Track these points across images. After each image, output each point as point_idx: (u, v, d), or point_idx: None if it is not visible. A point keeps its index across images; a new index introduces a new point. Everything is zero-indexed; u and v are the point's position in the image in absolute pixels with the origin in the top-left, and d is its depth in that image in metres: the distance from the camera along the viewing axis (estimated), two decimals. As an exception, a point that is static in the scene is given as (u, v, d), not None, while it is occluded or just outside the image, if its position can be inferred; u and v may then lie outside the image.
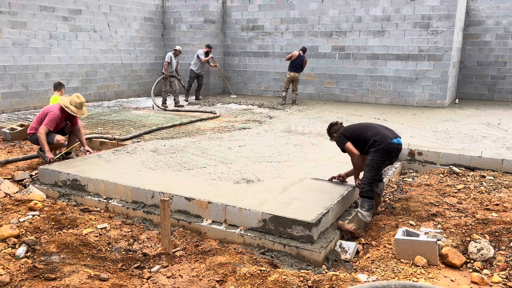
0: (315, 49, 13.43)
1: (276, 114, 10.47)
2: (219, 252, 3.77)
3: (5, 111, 10.05)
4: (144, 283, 3.28)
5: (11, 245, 3.81)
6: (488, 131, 8.36)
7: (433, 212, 4.52)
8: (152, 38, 14.36)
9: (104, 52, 12.66)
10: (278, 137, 7.61)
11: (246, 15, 14.35)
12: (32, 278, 3.21)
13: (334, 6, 13.00)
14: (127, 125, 8.77)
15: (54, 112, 5.97)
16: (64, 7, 11.39)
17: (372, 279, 3.35)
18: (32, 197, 4.91)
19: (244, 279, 3.25)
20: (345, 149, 4.59)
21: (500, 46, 13.17)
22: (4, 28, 10.02)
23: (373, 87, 12.90)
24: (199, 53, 12.64)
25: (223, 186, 4.82)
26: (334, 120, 5.86)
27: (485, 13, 13.20)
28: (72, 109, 6.01)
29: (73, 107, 6.03)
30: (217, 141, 7.18)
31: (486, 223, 4.12)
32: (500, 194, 5.07)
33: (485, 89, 13.69)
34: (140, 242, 4.09)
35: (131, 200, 4.78)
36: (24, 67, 10.52)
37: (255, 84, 14.68)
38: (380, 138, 4.38)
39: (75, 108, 6.05)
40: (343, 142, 4.60)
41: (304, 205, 4.20)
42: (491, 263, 3.48)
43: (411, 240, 3.55)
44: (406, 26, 12.19)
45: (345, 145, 4.57)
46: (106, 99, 12.90)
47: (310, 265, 3.71)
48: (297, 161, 5.92)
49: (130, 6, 13.34)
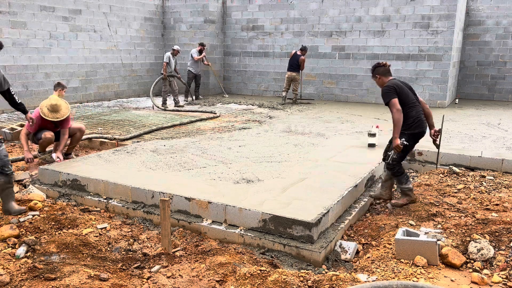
0: (315, 49, 13.43)
1: (276, 114, 10.47)
2: (219, 252, 3.77)
3: (5, 111, 10.05)
4: (144, 283, 3.28)
5: (11, 245, 3.82)
6: (488, 131, 8.36)
7: (433, 212, 4.52)
8: (152, 38, 14.36)
9: (104, 52, 12.66)
10: (278, 137, 7.61)
11: (246, 15, 14.35)
12: (32, 278, 3.21)
13: (334, 6, 13.00)
14: (127, 125, 8.77)
15: (35, 114, 5.93)
16: (64, 7, 11.39)
17: (372, 279, 3.35)
18: (32, 197, 4.91)
19: (244, 279, 3.25)
20: (390, 104, 4.51)
21: (500, 46, 13.17)
22: (4, 28, 10.02)
23: (373, 87, 12.88)
24: (193, 52, 12.61)
25: (223, 186, 4.82)
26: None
27: (485, 13, 13.20)
28: (43, 111, 5.90)
29: (45, 109, 5.91)
30: (217, 141, 7.17)
31: (486, 223, 4.12)
32: (500, 194, 5.07)
33: (485, 89, 13.69)
34: (140, 242, 4.09)
35: (131, 200, 4.78)
36: (24, 67, 10.53)
37: (255, 84, 14.68)
38: (419, 123, 4.59)
39: (47, 110, 5.91)
40: (390, 96, 4.51)
41: (304, 205, 4.20)
42: (491, 263, 3.48)
43: (411, 240, 3.55)
44: (406, 26, 12.19)
45: (391, 100, 4.49)
46: (106, 99, 12.90)
47: (310, 265, 3.70)
48: (297, 161, 5.92)
49: (130, 6, 13.34)
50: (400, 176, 4.79)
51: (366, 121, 9.31)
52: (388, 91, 4.54)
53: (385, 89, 4.57)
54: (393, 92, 4.52)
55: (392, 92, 4.52)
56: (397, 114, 4.47)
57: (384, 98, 4.56)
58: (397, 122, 4.48)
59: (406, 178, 4.81)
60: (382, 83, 4.69)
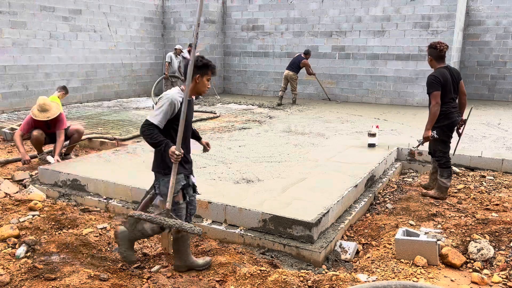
0: (315, 49, 13.42)
1: (276, 114, 10.47)
2: (219, 252, 3.77)
3: (5, 111, 10.05)
4: (144, 283, 3.28)
5: (11, 245, 3.81)
6: (488, 131, 8.36)
7: (433, 212, 4.52)
8: (152, 38, 14.36)
9: (104, 52, 12.67)
10: (278, 137, 7.61)
11: (246, 15, 14.35)
12: (32, 278, 3.21)
13: (334, 6, 13.00)
14: (127, 125, 8.77)
15: (28, 115, 5.95)
16: (64, 7, 11.39)
17: (372, 279, 3.35)
18: (32, 197, 4.91)
19: (244, 279, 3.25)
20: (432, 95, 4.54)
21: (500, 46, 13.17)
22: (4, 28, 10.02)
23: (373, 87, 12.90)
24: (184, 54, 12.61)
25: (223, 186, 4.82)
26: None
27: (485, 13, 13.20)
28: (33, 113, 5.91)
29: (35, 110, 5.92)
30: (217, 141, 7.17)
31: (486, 223, 4.12)
32: (500, 194, 5.07)
33: (485, 89, 13.68)
34: (140, 242, 4.08)
35: (131, 200, 4.78)
36: (24, 67, 10.53)
37: (255, 84, 14.68)
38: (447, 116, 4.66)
39: (37, 111, 5.91)
40: (434, 88, 4.53)
41: (304, 205, 4.20)
42: (491, 263, 3.48)
43: (411, 240, 3.55)
44: (406, 26, 12.19)
45: (434, 92, 4.52)
46: (106, 99, 12.90)
47: (310, 265, 3.70)
48: (297, 161, 5.92)
49: (130, 6, 13.34)
50: (445, 169, 4.88)
51: (366, 121, 9.30)
52: (433, 81, 4.55)
53: (432, 78, 4.59)
54: (438, 84, 4.53)
55: (437, 83, 4.53)
56: (435, 107, 4.55)
57: (428, 87, 4.60)
58: (433, 116, 4.58)
59: (448, 175, 4.89)
60: (432, 65, 4.72)
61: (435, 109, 4.56)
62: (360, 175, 5.24)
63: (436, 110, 4.55)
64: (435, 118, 4.60)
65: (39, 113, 5.89)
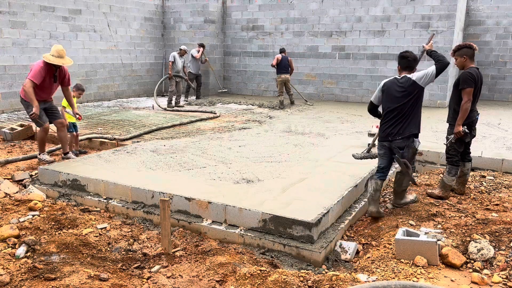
0: (315, 49, 13.42)
1: (276, 114, 10.47)
2: (219, 252, 3.77)
3: (5, 111, 10.05)
4: (144, 283, 3.28)
5: (11, 245, 3.81)
6: (488, 131, 8.36)
7: (433, 212, 4.52)
8: (152, 38, 14.36)
9: (104, 52, 12.66)
10: (278, 137, 7.61)
11: (246, 15, 14.34)
12: (32, 278, 3.21)
13: (334, 6, 13.00)
14: (127, 125, 8.77)
15: (38, 64, 5.89)
16: (64, 7, 11.39)
17: (372, 279, 3.35)
18: (32, 197, 4.91)
19: (244, 279, 3.25)
20: (466, 91, 4.65)
21: (500, 46, 13.17)
22: (4, 28, 10.02)
23: (373, 87, 12.88)
24: (193, 53, 12.62)
25: (223, 186, 4.82)
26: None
27: (485, 13, 13.19)
28: (48, 57, 5.85)
29: (50, 56, 5.88)
30: (217, 141, 7.17)
31: (486, 223, 4.12)
32: (500, 194, 5.07)
33: (485, 89, 13.66)
34: (140, 242, 4.09)
35: (131, 200, 4.78)
36: (24, 67, 10.51)
37: (255, 84, 14.68)
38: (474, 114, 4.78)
39: (52, 56, 5.87)
40: (469, 84, 4.65)
41: (304, 205, 4.20)
42: (491, 263, 3.48)
43: (411, 240, 3.55)
44: (406, 26, 12.19)
45: (468, 88, 4.64)
46: (106, 99, 12.90)
47: (310, 265, 3.70)
48: (297, 161, 5.91)
49: (130, 6, 13.34)
50: (453, 166, 4.92)
51: (366, 121, 9.30)
52: (470, 78, 4.67)
53: (468, 75, 4.69)
54: (473, 81, 4.67)
55: (472, 81, 4.67)
56: (467, 104, 4.65)
57: (463, 82, 4.68)
58: (465, 112, 4.68)
59: (455, 172, 4.93)
60: (463, 65, 4.84)
61: (467, 105, 4.66)
62: (360, 175, 5.24)
63: (468, 106, 4.66)
64: (466, 114, 4.69)
65: (54, 58, 5.88)
